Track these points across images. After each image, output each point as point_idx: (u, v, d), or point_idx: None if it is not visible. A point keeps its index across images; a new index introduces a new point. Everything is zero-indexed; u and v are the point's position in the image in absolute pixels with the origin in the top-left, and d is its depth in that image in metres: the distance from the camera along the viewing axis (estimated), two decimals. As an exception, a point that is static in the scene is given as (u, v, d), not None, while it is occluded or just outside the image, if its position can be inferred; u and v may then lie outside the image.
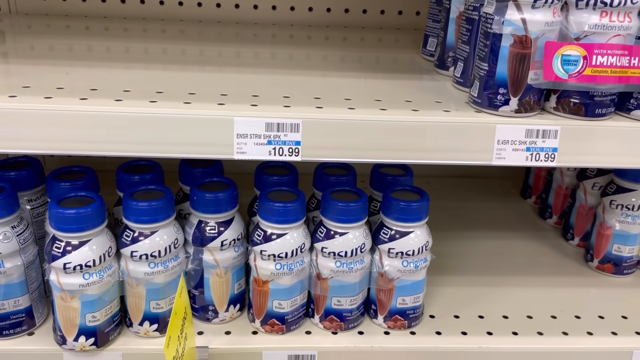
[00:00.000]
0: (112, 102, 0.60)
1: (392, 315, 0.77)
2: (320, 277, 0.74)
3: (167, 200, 0.69)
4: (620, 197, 0.88)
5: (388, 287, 0.75)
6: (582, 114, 0.62)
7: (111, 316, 0.70)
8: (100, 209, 0.66)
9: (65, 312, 0.67)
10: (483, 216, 1.11)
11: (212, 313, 0.76)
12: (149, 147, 0.60)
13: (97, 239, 0.66)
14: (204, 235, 0.72)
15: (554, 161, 0.62)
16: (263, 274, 0.72)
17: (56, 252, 0.65)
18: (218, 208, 0.72)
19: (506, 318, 0.81)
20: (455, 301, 0.85)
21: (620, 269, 0.91)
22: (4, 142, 0.58)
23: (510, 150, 0.62)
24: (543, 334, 0.78)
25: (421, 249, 0.73)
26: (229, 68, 0.79)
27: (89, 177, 0.74)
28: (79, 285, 0.66)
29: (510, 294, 0.87)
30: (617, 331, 0.80)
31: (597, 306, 0.85)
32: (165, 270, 0.70)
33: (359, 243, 0.72)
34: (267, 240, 0.71)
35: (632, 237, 0.89)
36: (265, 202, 0.70)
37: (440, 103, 0.67)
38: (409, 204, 0.72)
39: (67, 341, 0.69)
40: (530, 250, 1.00)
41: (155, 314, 0.72)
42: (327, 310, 0.75)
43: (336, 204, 0.71)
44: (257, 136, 0.60)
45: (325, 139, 0.61)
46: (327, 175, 0.80)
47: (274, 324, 0.74)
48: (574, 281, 0.91)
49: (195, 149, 0.60)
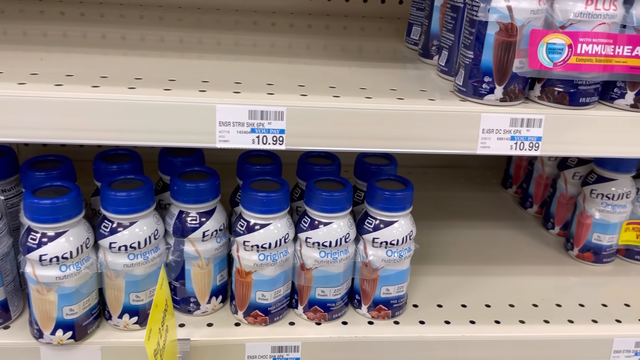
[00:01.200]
0: (88, 89, 0.58)
1: (376, 305, 0.76)
2: (304, 268, 0.73)
3: (147, 190, 0.67)
4: (600, 187, 0.89)
5: (372, 277, 0.75)
6: (567, 102, 0.62)
7: (89, 309, 0.69)
8: (76, 199, 0.64)
9: (42, 306, 0.65)
10: (465, 206, 1.11)
11: (193, 305, 0.74)
12: (127, 135, 0.58)
13: (73, 230, 0.65)
14: (184, 226, 0.70)
15: (538, 150, 0.62)
16: (246, 265, 0.71)
17: (31, 244, 0.63)
18: (199, 198, 0.70)
19: (488, 307, 0.82)
20: (439, 290, 0.85)
21: (600, 257, 0.92)
22: (-25, 129, 0.56)
23: (495, 139, 0.62)
24: (525, 322, 0.79)
25: (405, 239, 0.73)
26: (210, 55, 0.78)
27: (65, 167, 0.72)
28: (55, 278, 0.64)
29: (493, 282, 0.88)
30: (597, 319, 0.81)
31: (578, 294, 0.86)
32: (145, 262, 0.68)
33: (343, 233, 0.71)
34: (250, 230, 0.70)
35: (612, 226, 0.90)
36: (248, 192, 0.69)
37: (425, 92, 0.66)
38: (394, 194, 0.72)
39: (44, 335, 0.67)
40: (511, 239, 1.01)
41: (135, 306, 0.70)
42: (311, 300, 0.75)
43: (320, 193, 0.70)
44: (240, 124, 0.59)
45: (310, 127, 0.60)
46: (311, 165, 0.78)
47: (257, 316, 0.74)
48: (554, 270, 0.92)
49: (175, 137, 0.59)
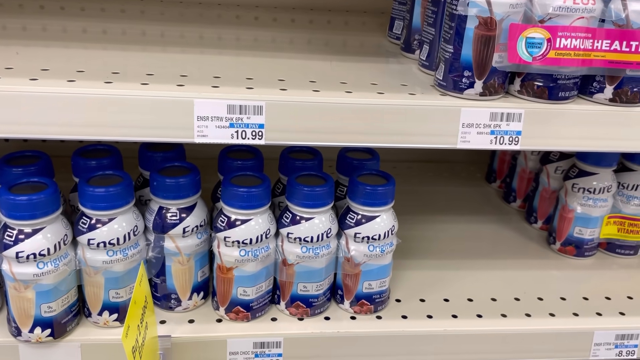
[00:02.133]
0: (64, 83, 0.57)
1: (358, 300, 0.76)
2: (286, 263, 0.73)
3: (125, 186, 0.66)
4: (582, 181, 0.89)
5: (354, 272, 0.75)
6: (546, 97, 0.63)
7: (68, 306, 0.68)
8: (54, 195, 0.63)
9: (19, 303, 0.65)
10: (448, 200, 1.12)
11: (174, 301, 0.74)
12: (102, 130, 0.57)
13: (51, 227, 0.64)
14: (164, 222, 0.70)
15: (517, 144, 0.63)
16: (227, 261, 0.71)
17: (8, 241, 0.62)
18: (179, 194, 0.69)
19: (471, 301, 0.82)
20: (421, 285, 0.85)
21: (582, 251, 0.93)
22: (-53, 124, 0.55)
23: (474, 133, 0.62)
24: (507, 316, 0.79)
25: (387, 233, 0.73)
26: (191, 49, 0.77)
27: (42, 162, 0.71)
28: (32, 275, 0.63)
29: (475, 277, 0.88)
30: (578, 312, 0.81)
31: (559, 288, 0.87)
32: (125, 259, 0.68)
33: (325, 228, 0.71)
34: (231, 226, 0.69)
35: (594, 219, 0.91)
36: (228, 187, 0.69)
37: (405, 86, 0.66)
38: (375, 189, 0.71)
39: (22, 333, 0.66)
40: (494, 233, 1.01)
41: (115, 303, 0.69)
42: (293, 296, 0.74)
43: (302, 188, 0.70)
44: (218, 119, 0.58)
45: (289, 122, 0.59)
46: (292, 160, 0.78)
47: (238, 312, 0.73)
48: (536, 264, 0.93)
49: (153, 132, 0.58)
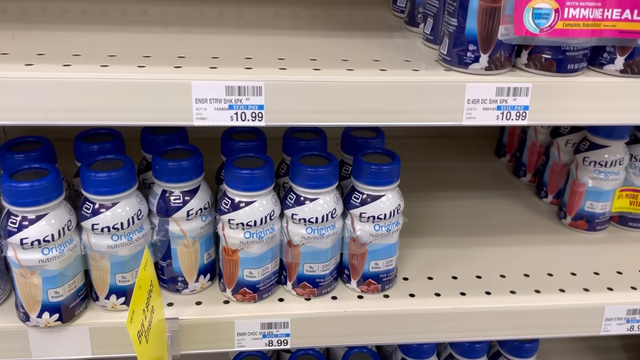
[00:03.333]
0: (59, 68, 0.56)
1: (365, 279, 0.76)
2: (292, 244, 0.72)
3: (128, 170, 0.66)
4: (593, 154, 0.87)
5: (360, 252, 0.74)
6: (554, 70, 0.61)
7: (75, 291, 0.68)
8: (56, 181, 0.63)
9: (26, 289, 0.65)
10: (457, 176, 1.10)
11: (181, 284, 0.74)
12: (100, 115, 0.57)
13: (54, 213, 0.64)
14: (168, 205, 0.69)
15: (525, 119, 0.61)
16: (232, 243, 0.70)
17: (12, 228, 0.62)
18: (182, 177, 0.69)
19: (479, 278, 0.81)
20: (429, 263, 0.84)
21: (593, 225, 0.92)
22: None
23: (480, 109, 0.60)
24: (516, 292, 0.79)
25: (393, 213, 0.72)
26: (191, 28, 0.75)
27: (44, 148, 0.71)
28: (38, 261, 0.63)
29: (484, 253, 0.87)
30: (589, 287, 0.80)
31: (570, 263, 0.85)
32: (130, 243, 0.67)
33: (329, 209, 0.70)
34: (235, 208, 0.69)
35: (605, 193, 0.89)
36: (231, 170, 0.68)
37: (409, 62, 0.65)
38: (380, 168, 0.70)
39: (30, 318, 0.67)
40: (504, 208, 1.00)
41: (122, 287, 0.70)
42: (300, 276, 0.74)
43: (305, 169, 0.69)
44: (217, 101, 0.57)
45: (289, 102, 0.58)
46: (296, 140, 0.77)
47: (245, 293, 0.73)
48: (547, 239, 0.92)
49: (151, 115, 0.57)
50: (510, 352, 0.91)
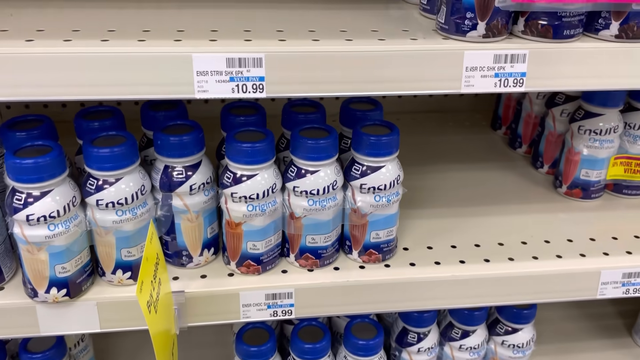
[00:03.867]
0: (60, 43, 0.56)
1: (366, 249, 0.77)
2: (294, 217, 0.73)
3: (130, 146, 0.66)
4: (588, 122, 0.88)
5: (361, 223, 0.75)
6: (551, 36, 0.61)
7: (82, 266, 0.69)
8: (59, 158, 0.64)
9: (34, 265, 0.66)
10: (454, 149, 1.11)
11: (186, 258, 0.75)
12: (102, 90, 0.57)
13: (59, 189, 0.64)
14: (171, 180, 0.70)
15: (522, 86, 0.62)
16: (235, 217, 0.71)
17: (17, 205, 0.63)
18: (184, 152, 0.69)
19: (478, 246, 0.83)
20: (428, 233, 0.85)
21: (588, 193, 0.93)
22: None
23: (478, 77, 0.61)
24: (514, 259, 0.80)
25: (393, 183, 0.73)
26: (187, 3, 0.75)
27: (46, 126, 0.71)
28: (44, 237, 0.64)
29: (482, 223, 0.88)
30: (585, 253, 0.82)
31: (566, 230, 0.87)
32: (134, 218, 0.68)
33: (330, 181, 0.71)
34: (237, 182, 0.70)
35: (600, 161, 0.90)
36: (232, 143, 0.69)
37: (407, 32, 0.65)
38: (379, 138, 0.71)
39: (38, 294, 0.68)
40: (501, 179, 1.01)
41: (128, 261, 0.71)
42: (302, 248, 0.75)
43: (305, 141, 0.70)
44: (218, 73, 0.57)
45: (290, 73, 0.59)
46: (295, 114, 0.78)
47: (249, 265, 0.74)
48: (543, 207, 0.93)
49: (153, 89, 0.58)
50: (509, 318, 0.93)
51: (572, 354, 1.09)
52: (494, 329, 0.95)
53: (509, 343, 0.93)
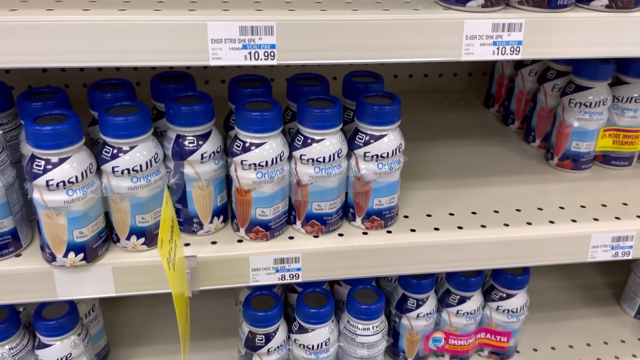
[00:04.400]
0: (79, 12, 0.59)
1: (369, 216, 0.80)
2: (300, 184, 0.77)
3: (144, 114, 0.69)
4: (578, 96, 0.92)
5: (365, 190, 0.79)
6: (545, 5, 0.65)
7: (98, 232, 0.72)
8: (77, 125, 0.66)
9: (52, 229, 0.68)
10: (449, 126, 1.15)
11: (197, 225, 0.78)
12: (121, 57, 0.59)
13: (76, 156, 0.67)
14: (183, 149, 0.73)
15: (519, 54, 0.65)
16: (245, 184, 0.74)
17: (37, 170, 0.65)
18: (195, 121, 0.72)
19: (474, 214, 0.87)
20: (427, 203, 0.89)
21: (579, 164, 0.97)
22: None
23: (478, 45, 0.64)
24: (509, 225, 0.84)
25: (395, 151, 0.77)
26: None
27: (60, 97, 0.73)
28: (63, 202, 0.67)
29: (477, 193, 0.92)
30: (576, 219, 0.86)
31: (558, 199, 0.91)
32: (148, 185, 0.71)
33: (336, 149, 0.75)
34: (247, 150, 0.73)
35: (590, 133, 0.95)
36: (242, 112, 0.71)
37: (408, 3, 0.68)
38: (382, 108, 0.74)
39: (56, 258, 0.70)
40: (495, 153, 1.05)
41: (142, 227, 0.73)
42: (308, 215, 0.79)
43: (312, 110, 0.73)
44: (231, 41, 0.60)
45: (300, 41, 0.62)
46: (300, 86, 0.81)
47: (258, 231, 0.77)
48: (535, 178, 0.97)
49: (170, 56, 0.60)
50: (503, 285, 0.97)
51: (564, 320, 1.13)
52: (489, 295, 0.99)
53: (504, 308, 0.97)
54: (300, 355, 0.89)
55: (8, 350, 0.82)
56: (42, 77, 1.09)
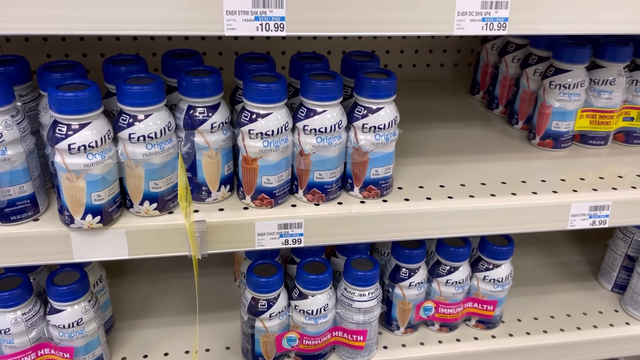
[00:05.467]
0: (104, -16, 0.64)
1: (366, 185, 0.86)
2: (303, 154, 0.82)
3: (159, 85, 0.74)
4: (558, 78, 1.00)
5: (363, 160, 0.84)
6: (529, -15, 0.71)
7: (113, 197, 0.76)
8: (97, 93, 0.71)
9: (72, 192, 0.73)
10: (437, 110, 1.22)
11: (205, 193, 0.83)
12: (142, 26, 0.64)
13: (96, 122, 0.71)
14: (193, 119, 0.78)
15: (505, 30, 0.72)
16: (252, 152, 0.79)
17: (59, 135, 0.70)
18: (205, 92, 0.77)
19: (463, 186, 0.93)
20: (419, 176, 0.95)
21: (559, 143, 1.04)
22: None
23: (468, 21, 0.71)
24: (495, 195, 0.90)
25: (391, 123, 0.82)
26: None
27: (78, 69, 0.78)
28: (83, 165, 0.71)
29: (465, 168, 0.98)
30: (557, 190, 0.93)
31: (540, 174, 0.98)
32: (162, 152, 0.76)
33: (336, 120, 0.80)
34: (254, 120, 0.78)
35: (569, 113, 1.02)
36: (250, 84, 0.77)
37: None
38: (379, 82, 0.80)
39: (74, 220, 0.75)
40: (480, 134, 1.12)
41: (154, 193, 0.78)
42: (310, 184, 0.84)
43: (315, 83, 0.78)
44: (245, 13, 0.66)
45: (306, 14, 0.67)
46: (302, 63, 0.86)
47: (263, 199, 0.83)
48: (519, 156, 1.04)
49: (187, 26, 0.65)
50: (489, 255, 1.03)
51: (546, 294, 1.20)
52: (476, 266, 1.05)
53: (490, 278, 1.04)
54: (300, 320, 0.94)
55: (21, 315, 0.86)
56: (60, 45, 1.13)
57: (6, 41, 1.11)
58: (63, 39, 1.13)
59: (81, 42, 1.14)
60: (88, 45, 1.14)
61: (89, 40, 1.14)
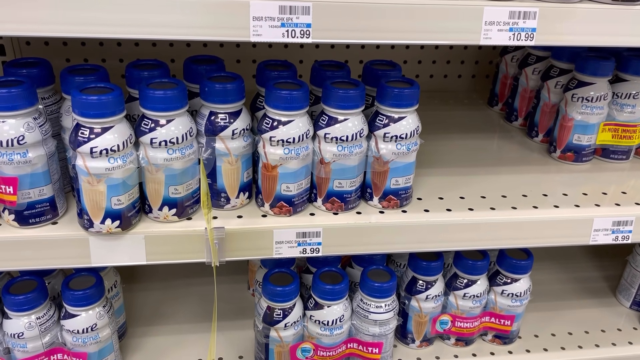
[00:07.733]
0: (133, -12, 0.64)
1: (386, 195, 0.85)
2: (323, 162, 0.81)
3: (182, 90, 0.74)
4: (580, 91, 0.98)
5: (383, 170, 0.83)
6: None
7: (132, 202, 0.76)
8: (120, 98, 0.70)
9: (92, 196, 0.72)
10: (455, 122, 1.21)
11: (224, 200, 0.82)
12: (168, 30, 0.64)
13: (118, 126, 0.71)
14: (215, 125, 0.77)
15: (532, 40, 0.71)
16: (272, 159, 0.79)
17: (82, 138, 0.69)
18: (228, 98, 0.77)
19: (484, 198, 0.92)
20: (438, 187, 0.94)
21: (580, 156, 1.03)
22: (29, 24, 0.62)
23: (495, 30, 0.70)
24: (516, 208, 0.89)
25: (413, 133, 0.81)
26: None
27: (100, 73, 0.78)
28: (105, 169, 0.71)
29: (485, 180, 0.97)
30: (579, 204, 0.91)
31: (561, 187, 0.96)
32: (183, 157, 0.75)
33: (358, 128, 0.79)
34: (275, 127, 0.77)
35: (591, 126, 1.00)
36: (273, 91, 0.76)
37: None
38: (402, 91, 0.80)
39: (94, 224, 0.74)
40: (499, 146, 1.11)
41: (174, 199, 0.77)
42: (329, 192, 0.83)
43: (337, 91, 0.78)
44: (271, 19, 0.65)
45: (332, 21, 0.67)
46: (324, 71, 0.86)
47: (282, 206, 0.82)
48: (539, 169, 1.03)
49: (214, 32, 0.65)
50: (508, 269, 1.02)
51: (563, 310, 1.18)
52: (494, 280, 1.03)
53: (508, 292, 1.02)
54: (315, 331, 0.93)
55: (35, 319, 0.85)
56: (80, 49, 1.14)
57: (26, 45, 1.11)
58: (83, 43, 1.13)
59: (100, 47, 1.14)
60: (107, 50, 1.15)
61: (108, 45, 1.14)
